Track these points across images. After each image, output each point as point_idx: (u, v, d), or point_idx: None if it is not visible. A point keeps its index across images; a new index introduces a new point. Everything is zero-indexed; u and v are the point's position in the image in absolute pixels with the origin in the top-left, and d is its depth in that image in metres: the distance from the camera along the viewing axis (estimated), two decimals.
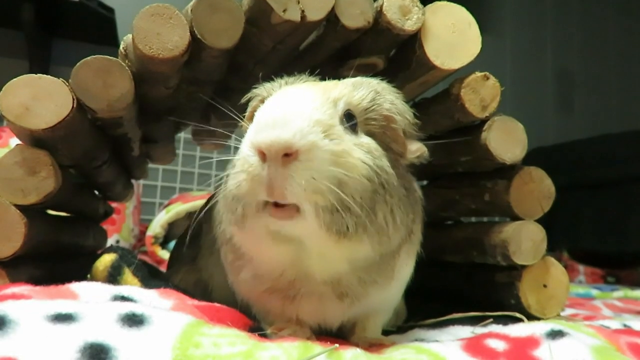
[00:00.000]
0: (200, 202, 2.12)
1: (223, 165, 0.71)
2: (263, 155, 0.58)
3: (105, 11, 2.36)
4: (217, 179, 0.71)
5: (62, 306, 0.55)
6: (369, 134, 0.68)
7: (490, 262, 0.97)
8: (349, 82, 0.71)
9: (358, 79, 0.72)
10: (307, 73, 0.76)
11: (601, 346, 0.63)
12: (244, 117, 0.75)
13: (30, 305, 0.54)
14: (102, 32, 2.42)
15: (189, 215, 2.24)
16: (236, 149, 0.67)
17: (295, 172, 0.57)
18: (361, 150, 0.63)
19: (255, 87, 0.76)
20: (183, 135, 2.69)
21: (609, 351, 0.62)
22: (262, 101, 0.72)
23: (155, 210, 2.74)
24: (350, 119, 0.66)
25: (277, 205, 0.60)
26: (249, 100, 0.77)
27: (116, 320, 0.53)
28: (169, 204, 2.41)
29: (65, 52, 2.62)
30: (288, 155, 0.57)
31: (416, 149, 0.72)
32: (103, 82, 0.75)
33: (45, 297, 0.63)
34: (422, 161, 0.73)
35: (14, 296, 0.61)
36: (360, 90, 0.69)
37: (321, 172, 0.58)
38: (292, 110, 0.60)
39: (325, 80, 0.75)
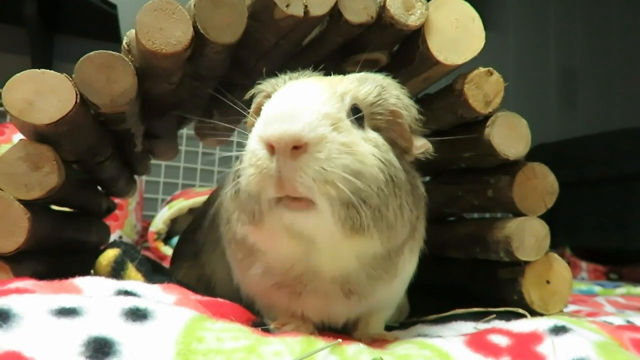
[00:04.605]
0: (202, 198, 2.12)
1: (226, 161, 0.70)
2: (271, 149, 0.58)
3: (107, 7, 2.36)
4: (220, 175, 0.71)
5: (66, 300, 0.55)
6: (375, 129, 0.68)
7: (493, 258, 0.97)
8: (354, 77, 0.71)
9: (363, 74, 0.72)
10: (310, 69, 0.76)
11: (604, 342, 0.63)
12: (247, 112, 0.75)
13: (34, 300, 0.54)
14: (104, 28, 2.41)
15: (192, 211, 2.24)
16: (239, 144, 0.67)
17: (304, 163, 0.57)
18: (369, 144, 0.64)
19: (259, 83, 0.76)
20: (186, 131, 2.68)
21: (612, 347, 0.62)
22: (267, 97, 0.72)
23: (158, 206, 2.74)
24: (356, 113, 0.66)
25: (293, 199, 0.59)
26: (252, 96, 0.77)
27: (120, 315, 0.54)
28: (171, 200, 2.41)
29: (67, 48, 2.61)
30: (297, 148, 0.57)
31: (421, 145, 0.72)
32: (106, 77, 0.75)
33: (49, 291, 0.63)
34: (426, 157, 0.73)
35: (18, 290, 0.61)
36: (366, 85, 0.69)
37: (332, 162, 0.58)
38: (301, 104, 0.60)
39: (329, 75, 0.75)
